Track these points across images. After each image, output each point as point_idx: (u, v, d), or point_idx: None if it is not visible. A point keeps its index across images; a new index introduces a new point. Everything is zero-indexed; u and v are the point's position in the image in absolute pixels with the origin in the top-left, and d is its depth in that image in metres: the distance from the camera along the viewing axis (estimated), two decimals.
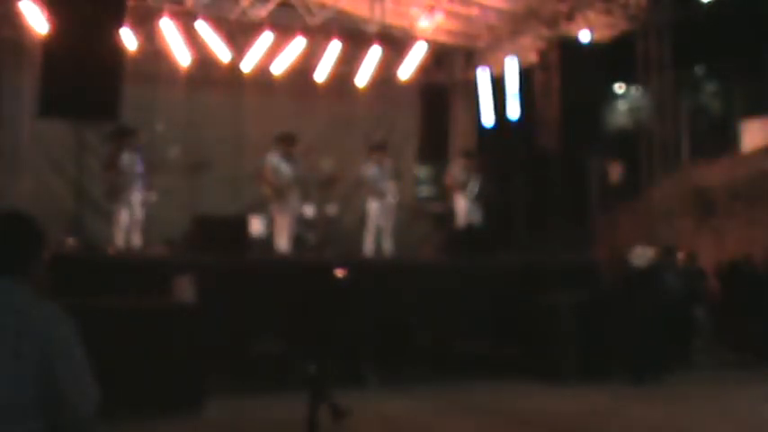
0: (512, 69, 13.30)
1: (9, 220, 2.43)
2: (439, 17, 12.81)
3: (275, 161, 10.28)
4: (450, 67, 14.84)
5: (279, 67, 12.77)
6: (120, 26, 9.02)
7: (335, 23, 12.61)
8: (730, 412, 7.42)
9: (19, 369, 2.20)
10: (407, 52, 13.15)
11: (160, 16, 11.59)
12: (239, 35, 12.52)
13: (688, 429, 6.97)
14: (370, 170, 10.92)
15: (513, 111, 13.39)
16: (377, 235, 10.81)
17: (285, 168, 10.28)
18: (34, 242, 2.42)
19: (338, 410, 6.49)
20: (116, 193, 9.59)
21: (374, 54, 12.82)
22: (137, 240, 9.76)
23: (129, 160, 9.71)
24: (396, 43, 13.25)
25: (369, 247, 10.77)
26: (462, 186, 11.38)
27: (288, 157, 10.34)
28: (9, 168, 11.30)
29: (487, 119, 13.96)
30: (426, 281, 9.28)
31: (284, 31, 12.51)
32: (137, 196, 9.79)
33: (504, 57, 13.50)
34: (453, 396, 7.24)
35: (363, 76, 13.36)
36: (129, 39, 11.05)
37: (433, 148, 14.62)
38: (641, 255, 9.51)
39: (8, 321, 2.23)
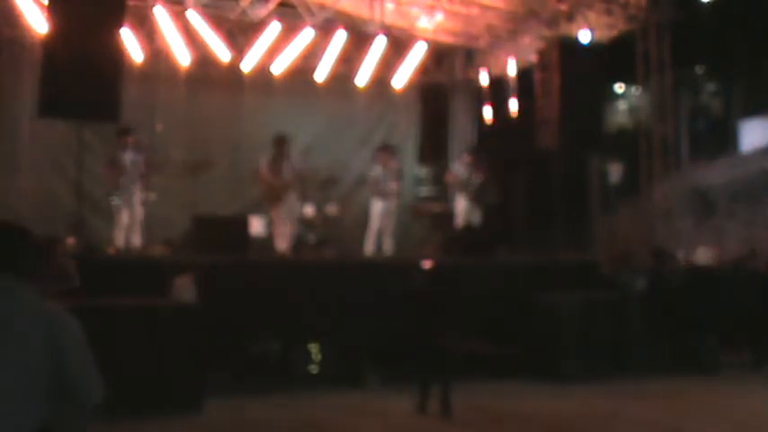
0: (512, 69, 13.30)
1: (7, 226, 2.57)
2: (439, 17, 12.81)
3: (270, 162, 10.29)
4: (450, 67, 14.84)
5: (279, 67, 12.78)
6: (121, 26, 9.02)
7: (335, 23, 12.61)
8: (730, 412, 7.42)
9: (27, 357, 2.29)
10: (407, 52, 13.16)
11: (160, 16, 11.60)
12: (239, 35, 12.52)
13: (688, 429, 6.97)
14: (375, 171, 10.93)
15: (513, 111, 13.39)
16: (378, 235, 10.81)
17: (282, 169, 10.29)
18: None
19: (448, 405, 6.94)
20: (117, 192, 9.59)
21: (375, 53, 12.81)
22: (137, 240, 9.76)
23: (131, 160, 9.72)
24: (396, 43, 13.26)
25: (370, 246, 10.77)
26: (464, 185, 11.38)
27: (283, 157, 10.34)
28: (9, 168, 11.29)
29: (487, 119, 13.96)
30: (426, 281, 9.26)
31: (284, 31, 12.52)
32: (138, 196, 9.79)
33: (504, 57, 13.50)
34: (453, 396, 7.24)
35: (363, 76, 13.37)
36: (131, 41, 11.07)
37: (433, 148, 14.63)
38: (704, 254, 9.81)
39: (15, 313, 2.32)
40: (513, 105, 13.47)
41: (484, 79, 14.19)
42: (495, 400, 7.80)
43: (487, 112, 13.98)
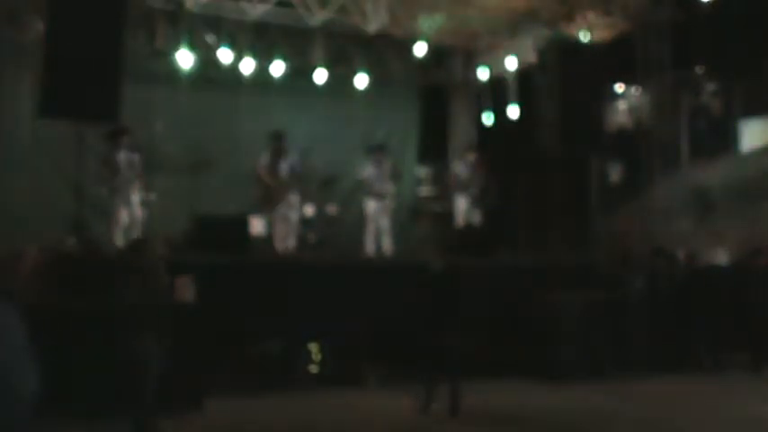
0: (511, 70, 13.30)
1: None
2: (439, 17, 12.81)
3: (269, 160, 10.28)
4: (450, 67, 14.84)
5: (279, 68, 12.79)
6: (121, 26, 9.02)
7: (335, 23, 12.61)
8: (730, 412, 7.43)
9: None
10: (407, 52, 13.17)
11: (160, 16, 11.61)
12: (239, 35, 12.52)
13: (687, 429, 6.97)
14: (368, 171, 10.91)
15: (513, 111, 13.40)
16: (377, 235, 10.81)
17: (280, 167, 10.27)
18: None
19: (457, 404, 7.05)
20: (115, 192, 9.59)
21: (374, 54, 12.84)
22: None
23: (127, 160, 9.71)
24: (396, 43, 13.26)
25: (369, 246, 10.76)
26: (465, 186, 11.37)
27: (281, 155, 10.33)
28: (9, 168, 11.29)
29: (487, 119, 13.96)
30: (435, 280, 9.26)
31: (284, 32, 12.51)
32: (136, 196, 9.79)
33: (503, 57, 13.50)
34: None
35: (363, 77, 13.38)
36: (128, 39, 11.05)
37: (433, 148, 14.64)
38: (721, 254, 9.93)
39: None
40: (513, 106, 13.47)
41: (484, 80, 14.18)
42: (495, 399, 7.81)
43: (487, 113, 13.97)
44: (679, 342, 9.80)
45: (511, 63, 13.25)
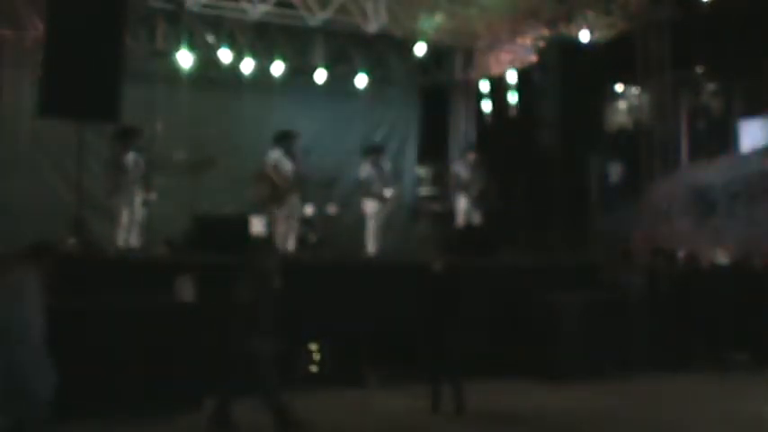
0: (511, 70, 13.31)
1: None
2: (439, 17, 12.81)
3: (277, 158, 10.26)
4: (450, 67, 14.85)
5: (279, 68, 12.79)
6: (122, 26, 9.03)
7: (335, 23, 12.61)
8: (730, 412, 7.43)
9: None
10: (407, 52, 13.17)
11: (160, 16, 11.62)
12: (239, 35, 12.53)
13: (687, 429, 6.97)
14: (366, 171, 10.88)
15: (513, 111, 13.41)
16: (375, 235, 10.79)
17: (287, 166, 10.26)
18: None
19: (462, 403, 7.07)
20: (119, 192, 9.59)
21: (374, 54, 12.85)
22: (137, 240, 9.75)
23: (133, 160, 9.72)
24: (396, 43, 13.27)
25: (370, 247, 10.75)
26: (465, 186, 11.36)
27: (288, 155, 10.31)
28: (9, 168, 11.29)
29: (487, 119, 13.98)
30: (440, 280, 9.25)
31: (284, 32, 12.52)
32: (138, 196, 9.79)
33: (504, 57, 13.51)
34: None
35: (363, 77, 13.37)
36: (129, 39, 11.06)
37: (433, 148, 14.65)
38: (721, 254, 10.45)
39: None
40: (513, 106, 13.48)
41: (484, 79, 14.19)
42: (495, 399, 7.81)
43: (487, 113, 13.99)
44: (679, 342, 9.79)
45: (511, 63, 13.26)
